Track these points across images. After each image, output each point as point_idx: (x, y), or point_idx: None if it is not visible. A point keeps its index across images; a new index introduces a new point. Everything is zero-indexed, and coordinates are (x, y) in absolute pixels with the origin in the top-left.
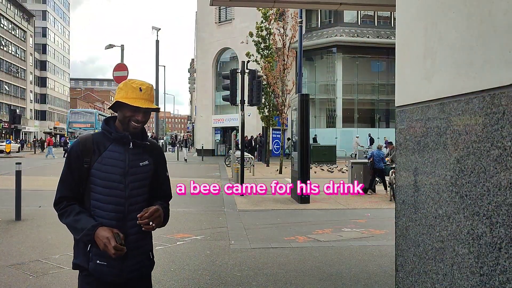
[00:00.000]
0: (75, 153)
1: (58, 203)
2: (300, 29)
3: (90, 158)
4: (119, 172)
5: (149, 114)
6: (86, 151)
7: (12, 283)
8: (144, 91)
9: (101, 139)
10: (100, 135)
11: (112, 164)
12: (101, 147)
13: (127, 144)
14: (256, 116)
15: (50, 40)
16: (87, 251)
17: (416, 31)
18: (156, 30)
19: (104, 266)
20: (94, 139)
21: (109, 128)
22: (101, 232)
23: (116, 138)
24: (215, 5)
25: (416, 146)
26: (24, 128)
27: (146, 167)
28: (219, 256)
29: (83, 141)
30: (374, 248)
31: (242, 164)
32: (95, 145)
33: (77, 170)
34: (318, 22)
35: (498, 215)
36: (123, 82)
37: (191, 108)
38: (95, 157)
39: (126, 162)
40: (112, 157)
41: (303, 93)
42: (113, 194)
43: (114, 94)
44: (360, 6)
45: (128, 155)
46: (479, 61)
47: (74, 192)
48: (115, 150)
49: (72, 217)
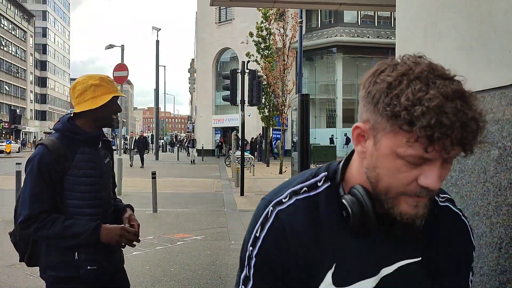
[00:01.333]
0: (47, 163)
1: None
2: (300, 29)
3: (63, 167)
4: (95, 175)
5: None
6: (58, 160)
7: (12, 283)
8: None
9: (68, 142)
10: (65, 138)
11: (87, 168)
12: (71, 152)
13: (96, 144)
14: (256, 116)
15: (50, 40)
16: (75, 259)
17: (416, 31)
18: (156, 30)
19: (96, 270)
20: (62, 143)
21: (76, 128)
22: (108, 228)
23: (86, 139)
24: (215, 5)
25: None
26: (24, 128)
27: (108, 164)
28: (219, 256)
29: (54, 148)
30: None
31: (242, 164)
32: (65, 150)
33: (50, 182)
34: (318, 22)
35: (498, 215)
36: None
37: (191, 108)
38: (68, 164)
39: (98, 162)
40: (85, 160)
41: (303, 93)
42: (90, 198)
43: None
44: (360, 6)
45: (97, 155)
46: (479, 61)
47: (50, 205)
48: (86, 152)
49: (60, 225)
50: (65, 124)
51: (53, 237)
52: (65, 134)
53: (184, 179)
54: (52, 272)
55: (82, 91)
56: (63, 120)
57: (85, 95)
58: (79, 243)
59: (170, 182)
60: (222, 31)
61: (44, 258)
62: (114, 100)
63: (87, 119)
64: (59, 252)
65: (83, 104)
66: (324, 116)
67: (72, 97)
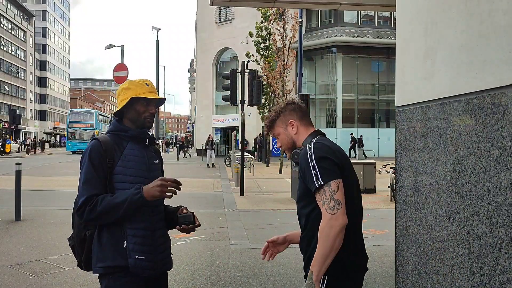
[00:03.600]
0: (98, 152)
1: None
2: (300, 29)
3: (112, 157)
4: (144, 168)
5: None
6: (108, 151)
7: (12, 283)
8: (150, 85)
9: (117, 139)
10: (114, 136)
11: (136, 161)
12: (120, 146)
13: (143, 141)
14: (256, 116)
15: (50, 40)
16: (124, 248)
17: (416, 31)
18: (156, 30)
19: (143, 260)
20: (111, 139)
21: (123, 127)
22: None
23: (133, 135)
24: (215, 5)
25: (416, 146)
26: (24, 128)
27: (158, 165)
28: (219, 256)
29: (104, 141)
30: (374, 248)
31: (242, 164)
32: (115, 145)
33: (101, 169)
34: (318, 22)
35: (498, 215)
36: (127, 82)
37: (191, 108)
38: (117, 156)
39: (146, 158)
40: (134, 154)
41: (303, 93)
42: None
43: (114, 94)
44: (360, 6)
45: (145, 152)
46: (479, 61)
47: (101, 191)
48: (134, 148)
49: (107, 198)
50: (114, 125)
51: (104, 212)
52: (114, 133)
53: (184, 179)
54: (101, 263)
55: (118, 95)
56: (113, 122)
57: (119, 98)
58: (126, 209)
59: None
60: (222, 31)
61: (96, 252)
62: (139, 101)
63: (126, 119)
64: (109, 243)
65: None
66: (324, 116)
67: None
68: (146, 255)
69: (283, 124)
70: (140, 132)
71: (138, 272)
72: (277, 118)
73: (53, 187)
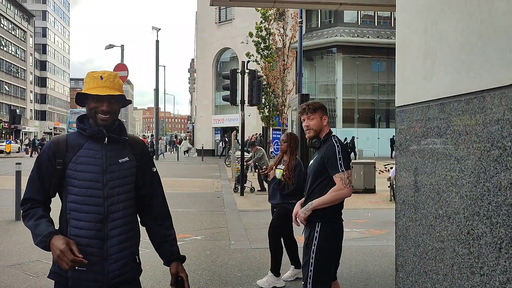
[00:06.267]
0: (46, 155)
1: (23, 204)
2: (300, 29)
3: (63, 158)
4: (96, 170)
5: (116, 103)
6: (58, 152)
7: (12, 283)
8: (106, 79)
9: (75, 138)
10: (75, 134)
11: (88, 163)
12: (76, 146)
13: (102, 139)
14: (256, 116)
15: (50, 40)
16: None
17: (416, 31)
18: (156, 30)
19: (84, 272)
20: (68, 139)
21: (83, 125)
22: (56, 241)
23: (90, 134)
24: (215, 5)
25: (416, 146)
26: (24, 128)
27: (126, 164)
28: (219, 256)
29: (55, 142)
30: (374, 248)
31: (242, 165)
32: (69, 145)
33: (46, 173)
34: (318, 22)
35: (498, 215)
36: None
37: (191, 108)
38: (69, 157)
39: (103, 159)
40: (88, 155)
41: (303, 93)
42: (90, 194)
43: None
44: (360, 6)
45: (105, 151)
46: (479, 61)
47: (41, 195)
48: (91, 147)
49: (32, 221)
50: (76, 121)
51: (30, 229)
52: (77, 130)
53: (184, 179)
54: (51, 266)
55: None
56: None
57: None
58: (36, 244)
59: (170, 182)
60: (222, 31)
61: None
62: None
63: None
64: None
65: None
66: None
67: None
68: (89, 266)
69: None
70: (95, 131)
71: (77, 285)
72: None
73: None
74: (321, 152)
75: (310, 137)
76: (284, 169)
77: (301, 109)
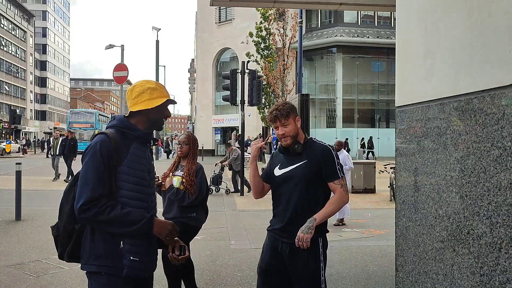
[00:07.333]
0: (108, 148)
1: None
2: (300, 29)
3: (119, 155)
4: (145, 170)
5: None
6: (116, 149)
7: (12, 283)
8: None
9: (123, 138)
10: (119, 132)
11: (139, 162)
12: (126, 145)
13: (147, 142)
14: (256, 116)
15: (50, 40)
16: (120, 248)
17: (416, 31)
18: (156, 30)
19: (137, 262)
20: (119, 137)
21: (131, 125)
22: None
23: (140, 135)
24: (215, 5)
25: (416, 146)
26: (24, 128)
27: (153, 166)
28: (219, 256)
29: (113, 137)
30: (374, 248)
31: (242, 165)
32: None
33: (109, 167)
34: (318, 22)
35: (498, 215)
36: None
37: (191, 108)
38: (124, 154)
39: (147, 160)
40: (138, 154)
41: (303, 93)
42: (139, 191)
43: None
44: (360, 6)
45: (147, 153)
46: (479, 61)
47: (108, 190)
48: (138, 148)
49: (119, 211)
50: (121, 121)
51: (110, 222)
52: (119, 129)
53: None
54: (95, 261)
55: (140, 93)
56: (119, 117)
57: (142, 97)
58: (133, 231)
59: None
60: (222, 31)
61: (88, 248)
62: (167, 104)
63: (140, 119)
64: (104, 241)
65: (140, 105)
66: (324, 116)
67: (129, 98)
68: (140, 257)
69: (295, 117)
70: (147, 134)
71: (132, 273)
72: (292, 111)
73: (53, 187)
74: (309, 157)
75: (288, 144)
76: (184, 175)
77: (271, 116)
